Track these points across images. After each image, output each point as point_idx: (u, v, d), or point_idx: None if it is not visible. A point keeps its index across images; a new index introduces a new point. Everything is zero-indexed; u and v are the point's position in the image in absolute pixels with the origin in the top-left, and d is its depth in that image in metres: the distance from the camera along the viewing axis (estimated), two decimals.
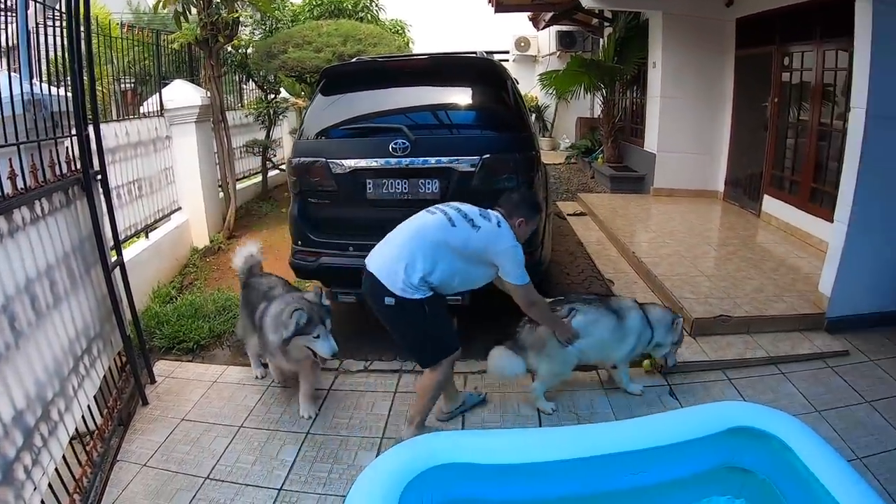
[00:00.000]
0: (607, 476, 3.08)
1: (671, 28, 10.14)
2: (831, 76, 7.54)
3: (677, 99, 10.29)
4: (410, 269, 3.55)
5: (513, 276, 3.70)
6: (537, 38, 17.17)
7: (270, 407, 4.41)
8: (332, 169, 4.87)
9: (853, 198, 5.26)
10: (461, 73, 5.44)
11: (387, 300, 3.57)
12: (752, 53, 9.38)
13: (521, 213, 3.84)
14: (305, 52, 8.87)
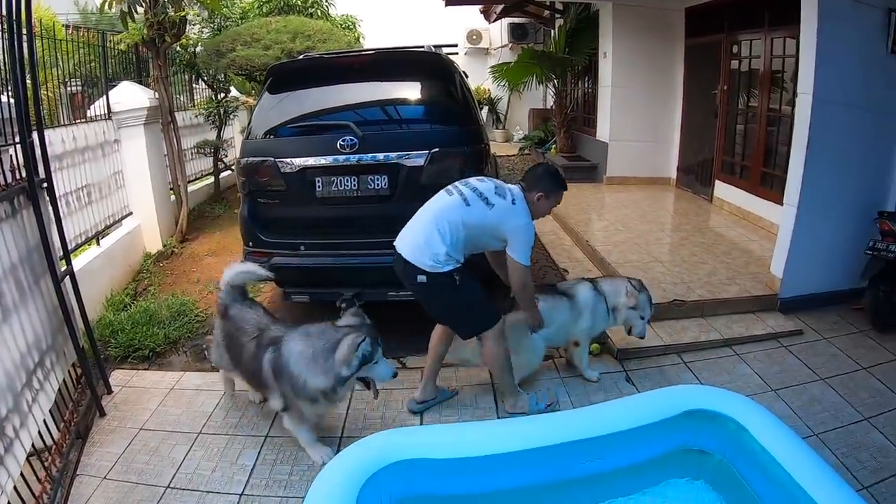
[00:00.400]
0: (565, 465, 3.04)
1: (621, 18, 10.17)
2: (779, 63, 7.62)
3: (628, 88, 10.31)
4: (435, 246, 3.64)
5: (518, 254, 3.72)
6: (489, 31, 17.06)
7: (228, 412, 4.29)
8: (281, 168, 4.78)
9: (801, 181, 5.32)
10: (408, 68, 5.38)
11: (419, 278, 3.68)
12: (702, 42, 9.45)
13: (542, 187, 3.85)
14: (254, 50, 8.66)
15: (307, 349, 3.48)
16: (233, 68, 9.00)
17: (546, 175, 3.92)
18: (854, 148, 5.54)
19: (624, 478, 3.16)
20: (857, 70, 5.36)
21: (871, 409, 4.19)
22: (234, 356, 3.93)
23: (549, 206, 3.93)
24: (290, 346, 3.53)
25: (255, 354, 3.67)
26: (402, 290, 4.58)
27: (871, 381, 4.56)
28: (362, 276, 4.91)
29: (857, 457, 3.69)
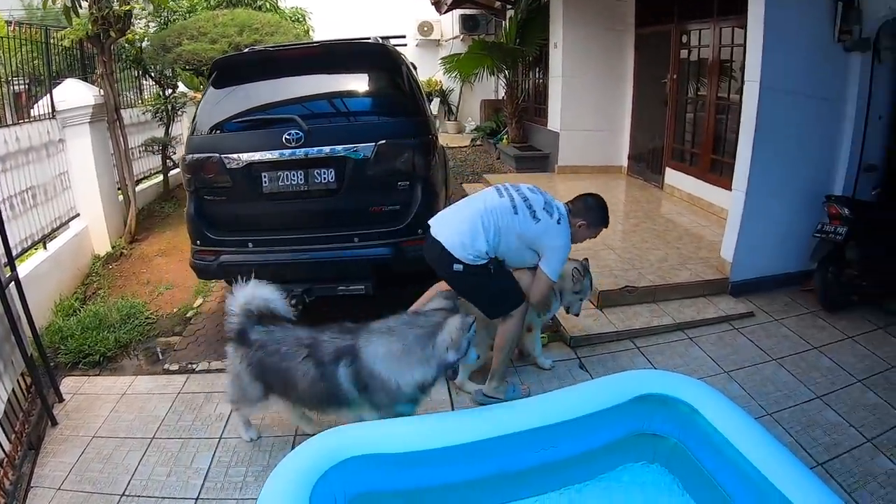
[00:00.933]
0: (519, 455, 2.99)
1: (572, 8, 10.12)
2: (728, 52, 7.64)
3: (579, 78, 10.28)
4: (478, 243, 3.67)
5: (549, 269, 3.80)
6: (441, 23, 16.85)
7: (181, 415, 4.14)
8: (227, 164, 4.64)
9: (749, 167, 5.37)
10: (354, 60, 5.27)
11: (455, 267, 3.69)
12: (652, 31, 9.46)
13: (586, 217, 3.94)
14: (201, 44, 8.33)
15: (395, 346, 3.14)
16: (179, 63, 8.65)
17: (596, 208, 4.00)
18: (801, 134, 5.58)
19: (580, 465, 3.13)
20: (804, 58, 5.40)
21: (824, 387, 4.21)
22: (277, 384, 3.42)
23: (586, 235, 4.02)
24: (370, 350, 3.15)
25: (322, 374, 3.21)
26: (353, 284, 4.65)
27: (822, 360, 4.59)
28: (312, 272, 4.82)
29: (812, 434, 3.70)
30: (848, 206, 5.21)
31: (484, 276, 3.73)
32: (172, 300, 6.02)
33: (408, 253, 4.60)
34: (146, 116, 9.74)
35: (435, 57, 15.18)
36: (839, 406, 3.99)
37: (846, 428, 3.77)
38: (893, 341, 4.87)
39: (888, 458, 3.48)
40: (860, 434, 3.70)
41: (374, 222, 4.72)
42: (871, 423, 3.82)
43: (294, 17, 13.83)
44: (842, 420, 3.84)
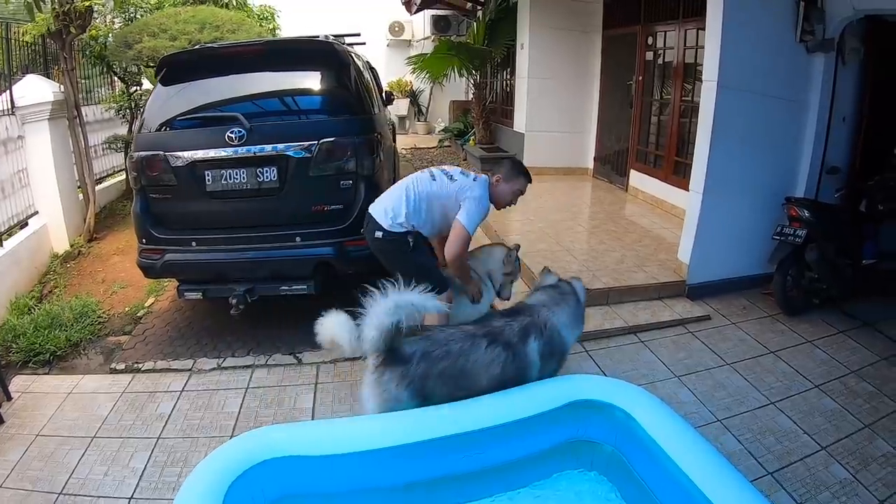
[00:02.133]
0: (447, 459, 2.83)
1: (539, 10, 9.93)
2: (693, 54, 7.49)
3: (545, 79, 10.09)
4: (398, 208, 3.80)
5: (464, 218, 3.73)
6: (412, 23, 16.70)
7: (123, 415, 4.02)
8: (171, 162, 4.58)
9: (706, 168, 5.22)
10: (300, 58, 5.18)
11: (376, 234, 3.82)
12: (619, 33, 9.32)
13: (500, 172, 3.96)
14: (160, 41, 8.16)
15: (567, 312, 3.34)
16: (140, 60, 8.46)
17: (507, 163, 4.07)
18: (762, 135, 5.43)
19: (513, 471, 2.98)
20: (765, 58, 5.26)
21: (778, 392, 4.03)
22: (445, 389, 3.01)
23: (508, 190, 3.97)
24: (556, 320, 3.26)
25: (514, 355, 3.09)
26: (295, 284, 4.65)
27: (779, 364, 4.40)
28: (254, 271, 4.74)
29: (763, 442, 3.52)
30: (808, 208, 5.07)
31: (403, 244, 3.81)
32: (125, 299, 5.85)
33: (351, 253, 4.57)
34: (110, 114, 9.46)
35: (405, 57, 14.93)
36: (793, 412, 3.80)
37: (800, 435, 3.58)
38: (853, 345, 4.72)
39: (842, 466, 3.33)
40: (814, 441, 3.53)
41: (317, 222, 4.64)
42: (826, 430, 3.64)
43: (262, 15, 13.63)
44: (796, 427, 3.65)
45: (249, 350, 4.74)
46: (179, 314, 5.39)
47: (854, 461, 3.36)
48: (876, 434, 3.61)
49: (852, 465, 3.33)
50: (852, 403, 3.92)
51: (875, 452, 3.45)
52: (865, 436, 3.59)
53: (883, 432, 3.63)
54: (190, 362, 4.58)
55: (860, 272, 5.24)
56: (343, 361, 4.41)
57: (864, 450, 3.46)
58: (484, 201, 3.80)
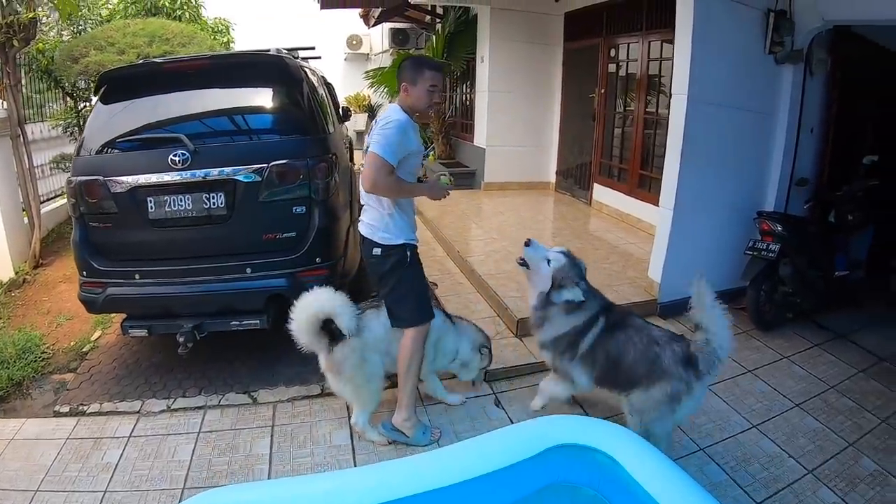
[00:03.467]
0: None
1: (499, 22, 9.87)
2: (656, 66, 7.50)
3: (506, 93, 10.02)
4: (380, 215, 3.50)
5: (374, 146, 3.32)
6: (370, 37, 16.58)
7: (67, 464, 3.68)
8: (111, 188, 4.26)
9: (677, 183, 5.14)
10: (249, 74, 4.90)
11: (374, 250, 3.52)
12: (580, 46, 9.30)
13: (401, 79, 3.47)
14: (107, 55, 7.92)
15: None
16: (86, 75, 8.12)
17: (403, 67, 3.53)
18: (731, 148, 5.42)
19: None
20: (734, 70, 5.26)
21: (760, 415, 3.97)
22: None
23: (421, 92, 3.44)
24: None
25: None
26: (247, 319, 4.36)
27: (757, 384, 4.35)
28: (202, 305, 4.43)
29: (748, 469, 3.44)
30: (780, 222, 5.07)
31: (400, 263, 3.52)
32: (71, 332, 5.48)
33: (305, 284, 4.18)
34: (57, 131, 9.11)
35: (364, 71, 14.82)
36: (777, 435, 3.74)
37: (785, 459, 3.51)
38: (830, 359, 4.72)
39: (830, 490, 3.27)
40: (800, 465, 3.47)
41: (268, 251, 4.38)
42: (811, 451, 3.59)
43: (216, 28, 13.38)
44: (780, 451, 3.59)
45: (201, 389, 4.45)
46: (127, 349, 5.08)
47: (842, 483, 3.31)
48: (861, 452, 3.58)
49: (840, 487, 3.28)
50: (834, 421, 3.89)
51: (862, 472, 3.41)
52: (850, 455, 3.56)
53: (867, 450, 3.61)
54: (138, 404, 4.26)
55: (833, 284, 5.27)
56: (301, 400, 4.19)
57: (850, 470, 3.42)
58: (393, 123, 3.34)
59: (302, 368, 4.45)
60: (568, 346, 3.52)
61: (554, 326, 3.54)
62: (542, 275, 3.51)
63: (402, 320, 3.61)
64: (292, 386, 4.31)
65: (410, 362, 3.59)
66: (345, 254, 4.71)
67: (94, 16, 10.97)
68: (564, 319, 3.50)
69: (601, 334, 3.45)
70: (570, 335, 3.49)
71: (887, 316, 5.56)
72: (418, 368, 3.68)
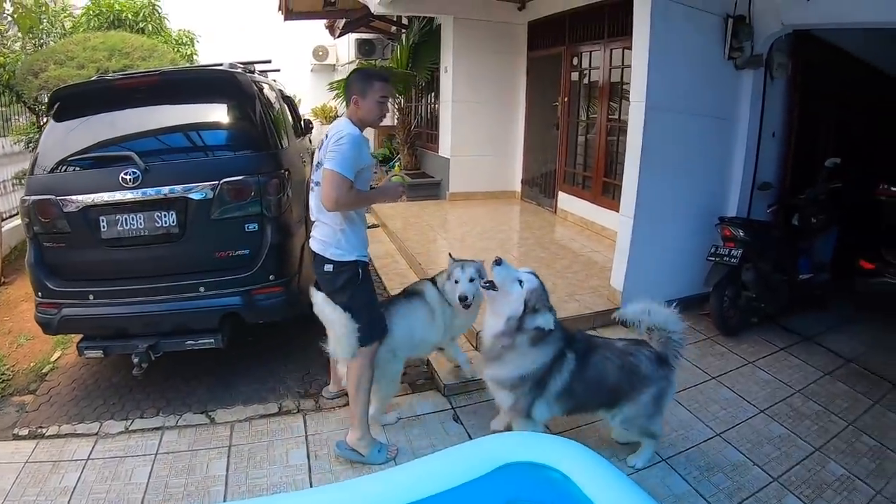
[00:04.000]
0: None
1: (462, 32, 9.83)
2: (618, 73, 7.48)
3: (470, 102, 9.97)
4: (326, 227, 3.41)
5: (329, 163, 3.20)
6: (336, 47, 16.52)
7: (26, 488, 3.54)
8: (64, 207, 4.17)
9: (637, 191, 5.10)
10: (199, 89, 4.80)
11: (326, 267, 3.41)
12: (544, 55, 9.29)
13: (352, 92, 3.38)
14: (67, 70, 7.83)
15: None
16: (46, 89, 7.92)
17: (352, 80, 3.45)
18: (692, 155, 5.39)
19: None
20: (693, 77, 5.25)
21: (724, 422, 3.88)
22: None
23: (371, 104, 3.37)
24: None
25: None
26: (202, 338, 4.27)
27: (721, 391, 4.26)
28: (157, 325, 4.32)
29: (711, 479, 3.34)
30: (742, 228, 5.03)
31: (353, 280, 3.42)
32: (31, 352, 5.31)
33: (259, 302, 4.27)
34: (20, 146, 8.85)
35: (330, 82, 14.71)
36: (741, 443, 3.65)
37: (750, 467, 3.42)
38: (795, 362, 4.68)
39: (796, 497, 3.19)
40: (765, 473, 3.38)
41: (221, 269, 4.29)
42: (776, 458, 3.51)
43: (180, 41, 13.21)
44: (744, 458, 3.50)
45: (159, 409, 4.30)
46: (86, 370, 4.90)
47: (808, 490, 3.24)
48: (827, 457, 3.52)
49: (806, 494, 3.20)
50: (800, 426, 3.82)
51: (829, 478, 3.35)
52: (817, 460, 3.49)
53: (834, 454, 3.55)
54: (96, 426, 4.10)
55: (797, 288, 5.25)
56: (259, 419, 4.05)
57: (817, 476, 3.35)
58: (346, 138, 3.23)
59: (260, 386, 4.40)
60: (534, 386, 3.27)
61: (519, 361, 3.24)
62: (513, 297, 3.22)
63: (367, 335, 3.51)
64: (250, 405, 4.19)
65: (360, 381, 3.50)
66: (300, 270, 4.61)
67: (57, 28, 10.78)
68: (532, 353, 3.23)
69: (577, 368, 3.29)
70: (537, 374, 3.25)
71: (853, 317, 5.56)
72: (369, 386, 3.57)
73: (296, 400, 4.22)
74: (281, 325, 4.60)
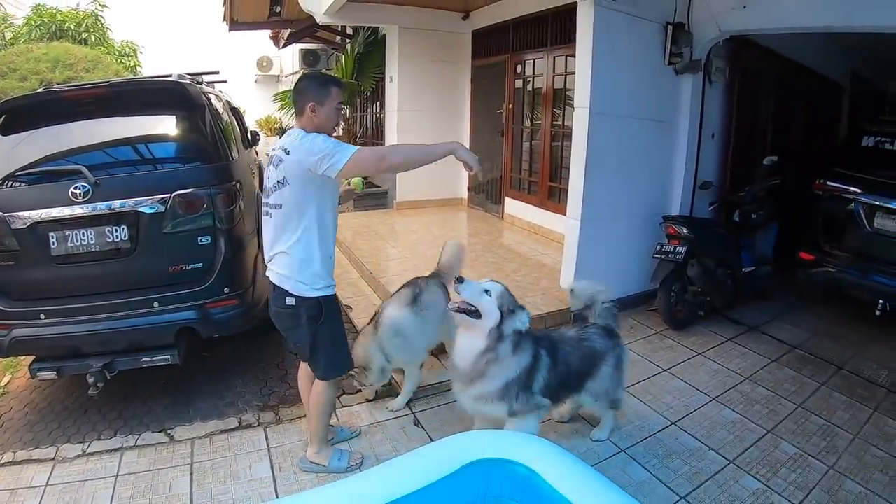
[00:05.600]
0: None
1: (407, 42, 9.80)
2: (561, 80, 7.56)
3: (415, 111, 9.93)
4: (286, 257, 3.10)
5: (341, 157, 2.88)
6: (280, 58, 16.38)
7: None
8: (11, 224, 3.96)
9: (582, 194, 5.17)
10: (148, 101, 4.63)
11: (287, 300, 3.14)
12: (488, 63, 9.34)
13: (309, 99, 3.10)
14: (9, 82, 7.66)
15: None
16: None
17: (306, 86, 3.18)
18: (636, 157, 5.49)
19: None
20: (636, 82, 5.34)
21: (678, 412, 3.93)
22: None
23: (330, 110, 3.15)
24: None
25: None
26: (157, 355, 4.09)
27: (673, 382, 4.31)
28: (111, 343, 4.11)
29: (670, 466, 3.38)
30: (685, 225, 5.10)
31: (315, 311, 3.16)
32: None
33: (215, 315, 4.12)
34: None
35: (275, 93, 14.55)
36: (696, 430, 3.70)
37: (706, 452, 3.47)
38: (743, 351, 4.79)
39: (753, 477, 3.25)
40: (721, 456, 3.44)
41: (175, 284, 4.13)
42: (730, 442, 3.58)
43: (123, 52, 12.91)
44: (701, 445, 3.55)
45: (116, 430, 4.07)
46: (38, 393, 4.66)
47: (763, 469, 3.31)
48: (779, 438, 3.61)
49: (762, 473, 3.27)
50: (751, 411, 3.90)
51: (782, 457, 3.43)
52: (769, 441, 3.57)
53: (786, 435, 3.64)
54: (53, 450, 3.87)
55: (741, 281, 5.36)
56: (219, 434, 3.90)
57: (770, 456, 3.43)
58: (317, 136, 2.98)
59: (218, 401, 4.25)
60: (522, 388, 3.22)
61: (504, 371, 3.15)
62: (487, 309, 3.10)
63: (323, 371, 3.37)
64: (209, 420, 4.03)
65: (324, 408, 3.42)
66: (254, 282, 4.48)
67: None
68: (514, 359, 3.16)
69: (550, 364, 3.27)
70: (521, 377, 3.19)
71: (795, 306, 5.74)
72: (331, 409, 3.53)
73: (255, 413, 4.07)
74: (235, 338, 4.43)
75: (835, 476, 3.26)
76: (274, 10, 10.75)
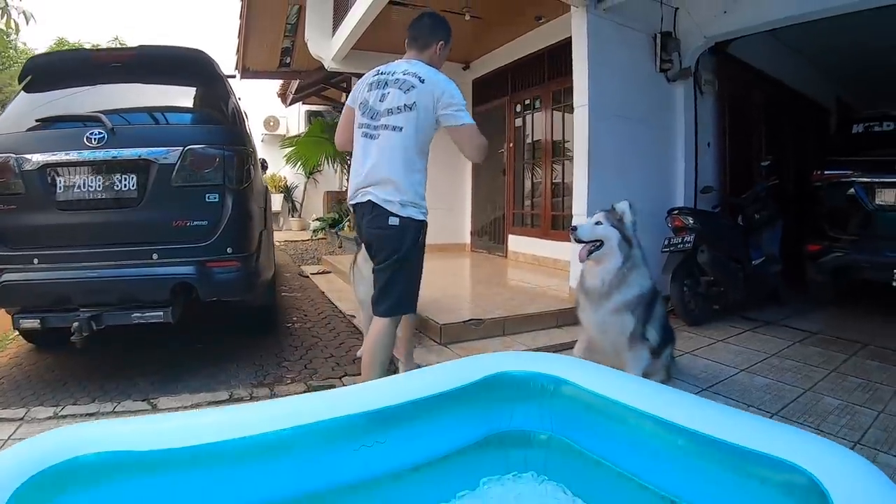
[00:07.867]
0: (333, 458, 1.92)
1: None
2: (560, 111, 7.52)
3: None
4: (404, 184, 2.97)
5: (467, 117, 3.01)
6: (287, 118, 16.54)
7: None
8: (21, 165, 3.81)
9: (587, 192, 5.11)
10: (174, 66, 4.57)
11: (391, 220, 2.95)
12: (489, 108, 9.31)
13: (439, 36, 3.14)
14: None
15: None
16: None
17: (439, 22, 3.19)
18: (636, 158, 5.46)
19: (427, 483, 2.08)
20: (630, 86, 5.41)
21: (706, 381, 3.70)
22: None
23: (447, 53, 3.20)
24: None
25: None
26: (150, 311, 3.84)
27: (697, 361, 4.09)
28: (102, 294, 3.86)
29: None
30: (691, 215, 4.97)
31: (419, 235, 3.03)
32: None
33: (215, 275, 3.89)
34: None
35: (280, 153, 14.50)
36: (729, 392, 3.44)
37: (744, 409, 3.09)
38: (764, 338, 4.55)
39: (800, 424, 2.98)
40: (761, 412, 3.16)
41: (177, 238, 3.91)
42: (768, 401, 3.32)
43: None
44: (736, 402, 3.27)
45: (95, 398, 3.73)
46: (17, 369, 4.30)
47: (811, 418, 3.05)
48: (820, 395, 3.36)
49: (810, 421, 3.02)
50: (784, 377, 3.65)
51: (827, 408, 3.19)
52: (810, 398, 3.33)
53: (826, 392, 3.40)
54: (23, 411, 3.50)
55: (752, 274, 5.18)
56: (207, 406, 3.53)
57: (814, 408, 3.19)
58: (453, 87, 3.00)
59: (210, 380, 3.88)
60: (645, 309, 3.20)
61: (641, 278, 3.18)
62: (606, 234, 3.19)
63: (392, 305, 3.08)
64: (197, 393, 3.69)
65: (376, 353, 3.06)
66: (258, 254, 4.25)
67: None
68: (644, 269, 3.23)
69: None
70: (647, 296, 3.20)
71: (810, 305, 5.59)
72: (387, 362, 3.14)
73: (249, 389, 3.70)
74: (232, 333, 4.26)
75: (888, 418, 2.98)
76: (284, 61, 10.85)
